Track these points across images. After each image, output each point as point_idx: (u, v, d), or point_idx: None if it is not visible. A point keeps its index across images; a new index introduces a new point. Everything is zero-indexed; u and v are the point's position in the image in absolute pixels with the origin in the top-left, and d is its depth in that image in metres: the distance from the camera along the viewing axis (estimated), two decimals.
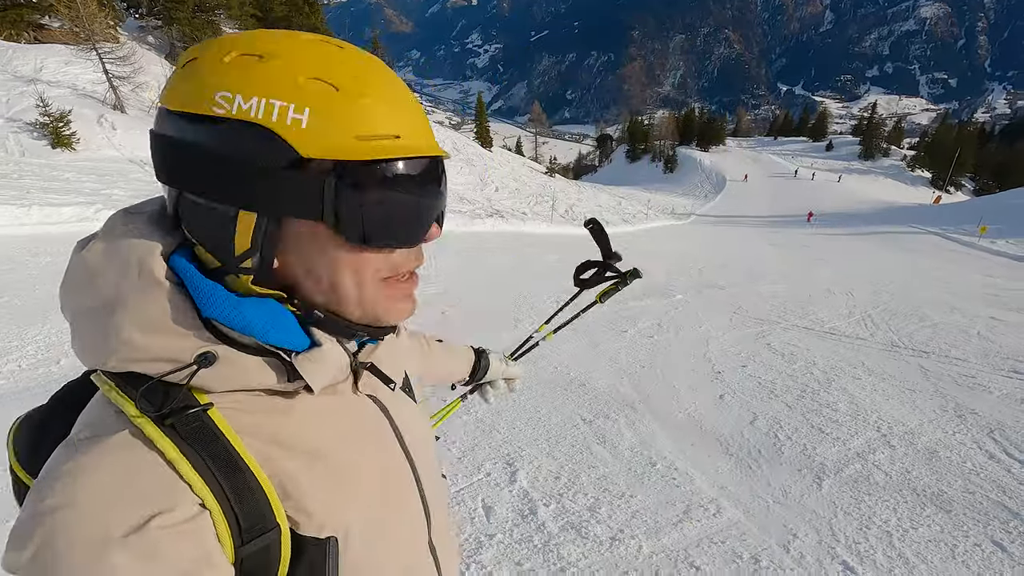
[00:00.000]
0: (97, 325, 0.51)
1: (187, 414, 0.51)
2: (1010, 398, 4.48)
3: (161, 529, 0.45)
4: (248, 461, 0.52)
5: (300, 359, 0.55)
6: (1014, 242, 20.23)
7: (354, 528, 0.60)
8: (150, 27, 24.14)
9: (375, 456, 0.65)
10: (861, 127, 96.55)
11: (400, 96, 0.55)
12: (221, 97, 0.48)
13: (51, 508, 0.44)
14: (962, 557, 2.48)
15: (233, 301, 0.52)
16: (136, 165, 13.52)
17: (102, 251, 0.52)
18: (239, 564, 0.52)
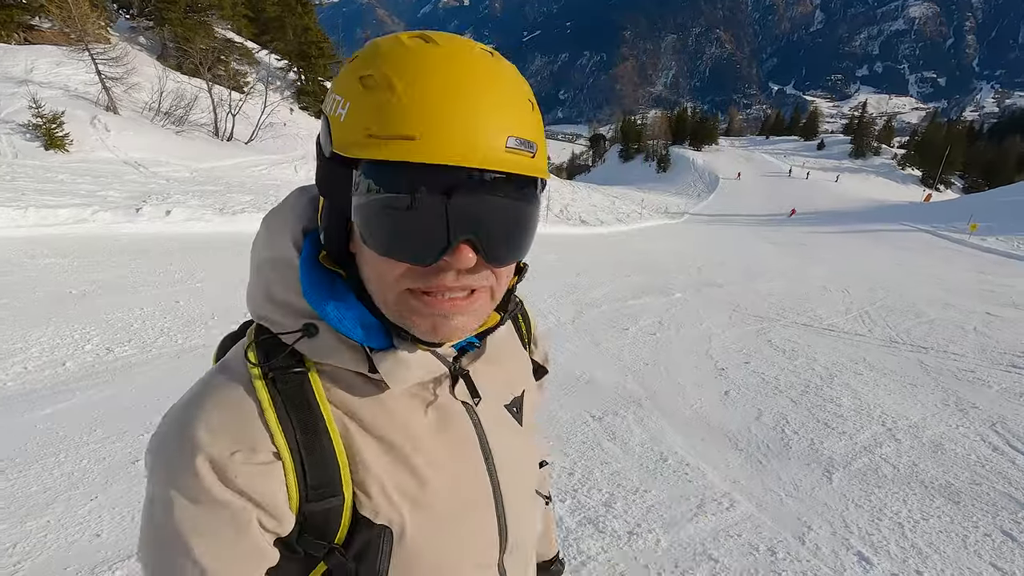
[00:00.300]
0: (253, 279, 0.63)
1: (288, 372, 0.57)
2: (1009, 392, 4.54)
3: (241, 464, 0.53)
4: (330, 427, 0.57)
5: (378, 356, 0.58)
6: (1003, 239, 20.40)
7: (411, 526, 0.60)
8: (141, 28, 23.96)
9: (450, 464, 0.65)
10: (852, 126, 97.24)
11: (451, 94, 0.48)
12: (333, 97, 0.54)
13: (170, 420, 0.56)
14: (974, 547, 2.52)
15: (316, 291, 0.57)
16: (131, 167, 13.42)
17: (274, 218, 0.63)
18: (302, 518, 0.57)
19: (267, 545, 0.55)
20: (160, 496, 0.53)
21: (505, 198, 0.51)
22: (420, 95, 0.47)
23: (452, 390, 0.66)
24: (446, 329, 0.55)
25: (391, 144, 0.47)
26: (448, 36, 0.52)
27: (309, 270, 0.57)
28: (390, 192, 0.48)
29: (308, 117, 26.03)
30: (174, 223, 9.40)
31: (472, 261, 0.51)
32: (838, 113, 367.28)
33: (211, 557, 0.53)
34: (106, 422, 3.16)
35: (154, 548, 0.55)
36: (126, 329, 4.67)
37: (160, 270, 6.63)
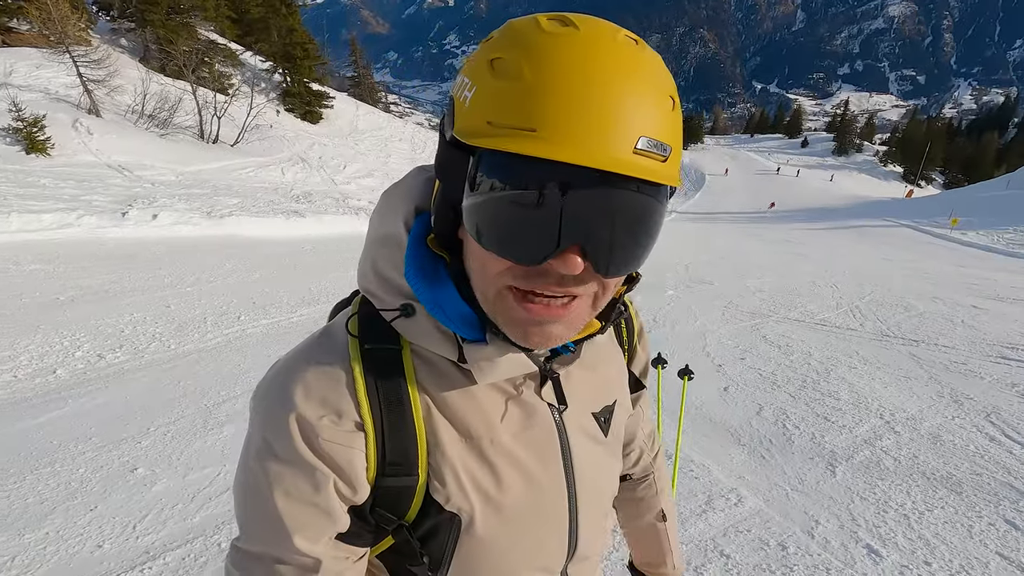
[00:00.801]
0: (364, 251, 0.64)
1: (383, 348, 0.59)
2: (1001, 383, 4.61)
3: (326, 428, 0.55)
4: (414, 407, 0.58)
5: (469, 347, 0.57)
6: (983, 233, 20.76)
7: (480, 519, 0.61)
8: (123, 30, 23.56)
9: (528, 463, 0.64)
10: (834, 124, 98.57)
11: (580, 85, 0.44)
12: (462, 78, 0.52)
13: (273, 373, 0.60)
14: (979, 536, 2.55)
15: (418, 274, 0.57)
16: (115, 170, 13.20)
17: (390, 195, 0.63)
18: (376, 490, 0.59)
19: (340, 509, 0.57)
20: (255, 441, 0.58)
21: (624, 204, 0.47)
22: (546, 84, 0.44)
23: (539, 390, 0.65)
24: (539, 336, 0.53)
25: (508, 135, 0.44)
26: (592, 20, 0.48)
27: (415, 251, 0.57)
28: (501, 185, 0.46)
29: (294, 119, 25.80)
30: (161, 227, 9.27)
31: (579, 268, 0.47)
32: (821, 111, 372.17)
33: (286, 508, 0.56)
34: (101, 430, 3.10)
35: (242, 486, 0.59)
36: (117, 335, 4.58)
37: (149, 275, 6.53)
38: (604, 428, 0.74)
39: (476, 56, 0.50)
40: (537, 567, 0.68)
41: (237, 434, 3.17)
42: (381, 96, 58.35)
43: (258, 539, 0.58)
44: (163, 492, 2.58)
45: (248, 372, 4.07)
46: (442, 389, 0.60)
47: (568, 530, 0.69)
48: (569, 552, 0.70)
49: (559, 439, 0.66)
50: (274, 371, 0.60)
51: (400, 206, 0.61)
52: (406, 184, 0.63)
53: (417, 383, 0.59)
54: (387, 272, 0.60)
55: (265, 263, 7.91)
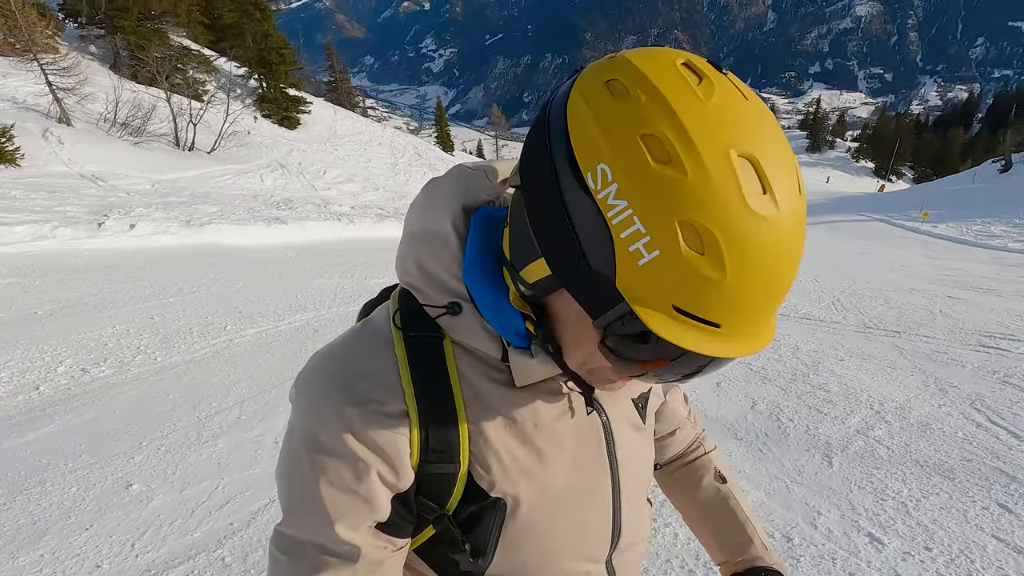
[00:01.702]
0: (407, 246, 0.64)
1: (426, 337, 0.60)
2: (982, 370, 4.73)
3: (371, 415, 0.56)
4: (456, 395, 0.59)
5: (513, 352, 0.58)
6: (953, 225, 21.32)
7: (525, 502, 0.62)
8: (92, 36, 23.02)
9: (573, 447, 0.65)
10: (807, 121, 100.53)
11: (766, 282, 0.42)
12: (600, 169, 0.43)
13: (315, 362, 0.61)
14: (975, 521, 2.61)
15: (478, 278, 0.57)
16: (88, 180, 12.88)
17: (433, 191, 0.63)
18: (419, 476, 0.60)
19: (382, 497, 0.58)
20: (298, 429, 0.59)
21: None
22: (747, 283, 0.42)
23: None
24: (612, 390, 0.59)
25: (692, 328, 0.43)
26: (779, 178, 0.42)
27: (477, 257, 0.58)
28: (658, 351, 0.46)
29: (271, 125, 25.46)
30: (139, 237, 9.06)
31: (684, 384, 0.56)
32: (794, 109, 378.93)
33: (329, 497, 0.57)
34: (91, 447, 3.01)
35: (285, 472, 0.60)
36: (100, 349, 4.46)
37: (129, 286, 6.37)
38: (642, 415, 0.75)
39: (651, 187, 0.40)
40: (583, 555, 0.68)
41: (232, 446, 3.11)
42: (359, 101, 57.90)
43: (300, 525, 0.59)
44: (160, 508, 2.52)
45: (239, 382, 4.00)
46: (483, 378, 0.61)
47: (612, 516, 0.70)
48: (613, 540, 0.71)
49: (602, 425, 0.68)
50: (317, 359, 0.61)
51: (446, 204, 0.60)
52: (451, 182, 0.62)
53: (459, 372, 0.60)
54: (434, 270, 0.60)
55: (248, 271, 7.78)
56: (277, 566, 0.60)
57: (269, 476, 2.83)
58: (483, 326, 0.58)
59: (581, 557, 0.69)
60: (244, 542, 2.32)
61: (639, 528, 0.76)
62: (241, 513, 2.51)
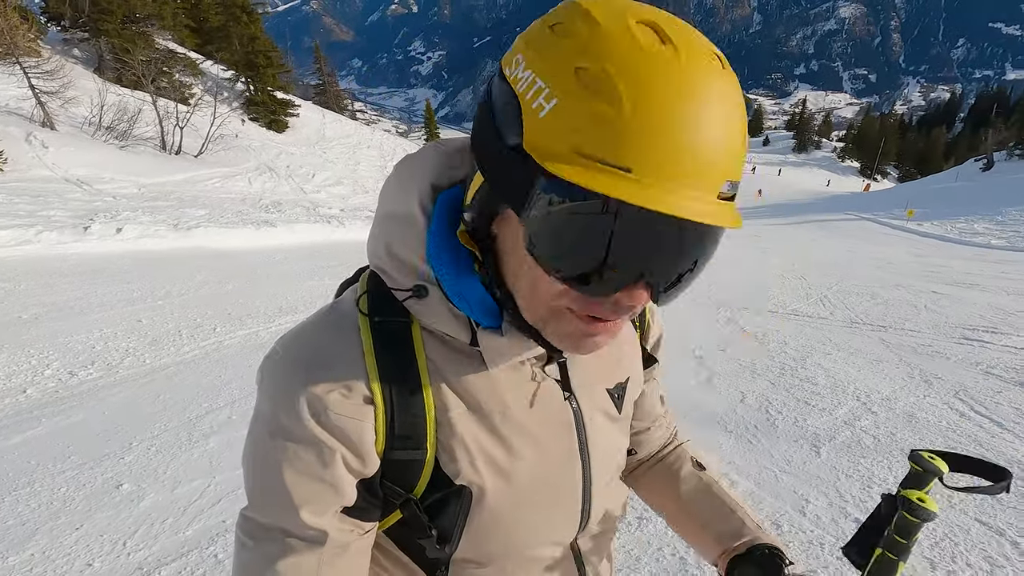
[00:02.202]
0: (377, 227, 0.62)
1: (392, 320, 0.59)
2: (965, 362, 4.81)
3: (335, 401, 0.55)
4: (423, 381, 0.58)
5: (483, 333, 0.58)
6: (937, 223, 21.63)
7: (491, 492, 0.61)
8: (75, 40, 22.78)
9: (541, 438, 0.64)
10: (794, 122, 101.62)
11: (681, 125, 0.41)
12: (516, 60, 0.48)
13: (280, 347, 0.60)
14: (959, 506, 2.67)
15: (442, 260, 0.56)
16: (73, 184, 12.74)
17: (404, 169, 0.61)
18: (385, 462, 0.59)
19: (347, 484, 0.57)
20: (263, 414, 0.58)
21: (697, 247, 0.47)
22: (648, 120, 0.41)
23: (545, 368, 0.65)
24: (588, 346, 0.54)
25: (599, 171, 0.41)
26: (685, 37, 0.44)
27: (440, 237, 0.57)
28: (577, 217, 0.44)
29: (259, 128, 25.31)
30: (126, 240, 8.97)
31: (645, 302, 0.48)
32: (780, 110, 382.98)
33: (293, 482, 0.56)
34: (80, 448, 2.99)
35: (251, 457, 0.59)
36: (88, 351, 4.42)
37: (117, 289, 6.31)
38: (618, 405, 0.73)
39: (553, 54, 0.45)
40: (548, 540, 0.68)
41: (224, 446, 3.10)
42: (347, 104, 57.74)
43: (265, 510, 0.58)
44: (152, 507, 2.51)
45: (229, 383, 3.98)
46: (451, 364, 0.60)
47: (581, 503, 0.69)
48: (581, 524, 0.70)
49: (573, 414, 0.67)
50: (282, 344, 0.60)
51: (413, 184, 0.59)
52: (421, 159, 0.61)
53: (427, 358, 0.59)
54: (400, 252, 0.59)
55: (238, 274, 7.73)
56: (244, 550, 0.59)
57: None
58: (450, 309, 0.57)
59: (547, 542, 0.69)
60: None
61: (610, 513, 0.76)
62: (233, 510, 2.50)
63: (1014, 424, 3.55)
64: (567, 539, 0.71)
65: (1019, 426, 3.52)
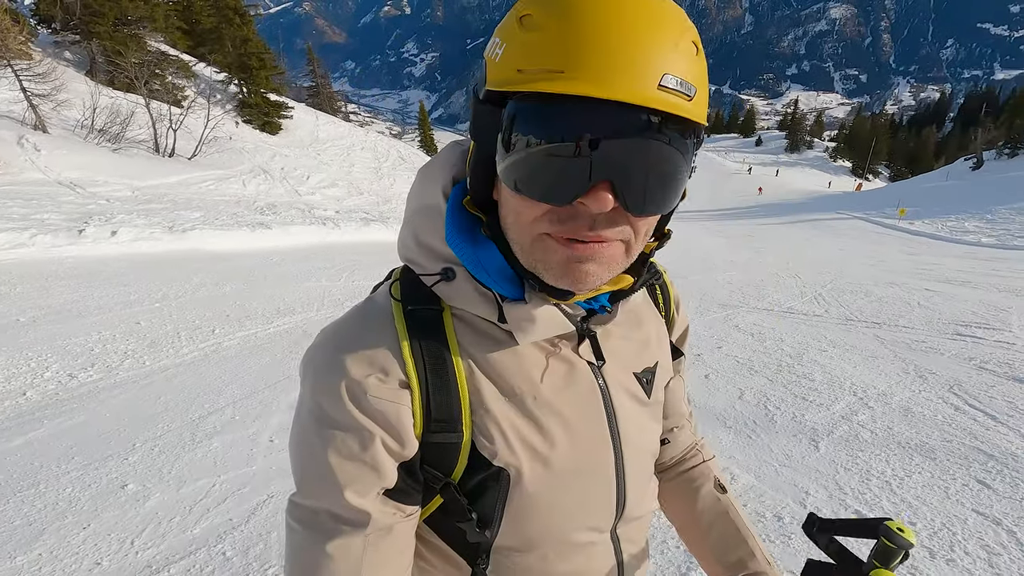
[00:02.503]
0: (406, 224, 0.66)
1: (425, 308, 0.62)
2: (959, 357, 4.88)
3: (374, 386, 0.58)
4: (456, 365, 0.61)
5: (508, 306, 0.59)
6: (928, 222, 21.85)
7: (528, 474, 0.62)
8: (66, 42, 22.63)
9: (573, 419, 0.65)
10: (786, 122, 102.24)
11: (604, 27, 0.45)
12: (493, 40, 0.54)
13: (321, 337, 0.63)
14: (956, 496, 2.72)
15: (458, 236, 0.60)
16: (66, 188, 12.65)
17: (428, 169, 0.66)
18: (423, 445, 0.61)
19: (388, 465, 0.59)
20: (306, 403, 0.61)
21: (653, 141, 0.47)
22: (572, 29, 0.46)
23: (577, 349, 0.66)
24: (577, 273, 0.53)
25: (538, 78, 0.46)
26: None
27: (454, 215, 0.60)
28: (533, 130, 0.48)
29: (253, 130, 25.22)
30: (122, 243, 8.94)
31: (609, 205, 0.48)
32: (772, 110, 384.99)
33: (337, 465, 0.58)
34: (84, 449, 2.99)
35: (296, 445, 0.62)
36: (87, 354, 4.41)
37: (113, 292, 6.29)
38: (647, 389, 0.73)
39: (507, 17, 0.53)
40: (587, 526, 0.68)
41: (227, 445, 3.11)
42: (340, 106, 57.57)
43: (312, 494, 0.60)
44: (158, 506, 2.51)
45: (230, 384, 3.98)
46: (483, 349, 0.62)
47: (615, 488, 0.69)
48: (618, 511, 0.70)
49: (602, 396, 0.67)
50: (322, 336, 0.63)
51: (438, 177, 0.63)
52: (442, 157, 0.65)
53: (458, 343, 0.62)
54: (428, 240, 0.62)
55: (234, 276, 7.72)
56: (293, 535, 0.61)
57: (267, 472, 2.84)
58: (476, 288, 0.60)
59: (585, 528, 0.69)
60: (245, 536, 2.33)
61: (644, 501, 0.76)
62: (240, 509, 2.52)
63: (1008, 417, 3.60)
64: (605, 526, 0.71)
65: (1012, 419, 3.57)
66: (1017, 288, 8.12)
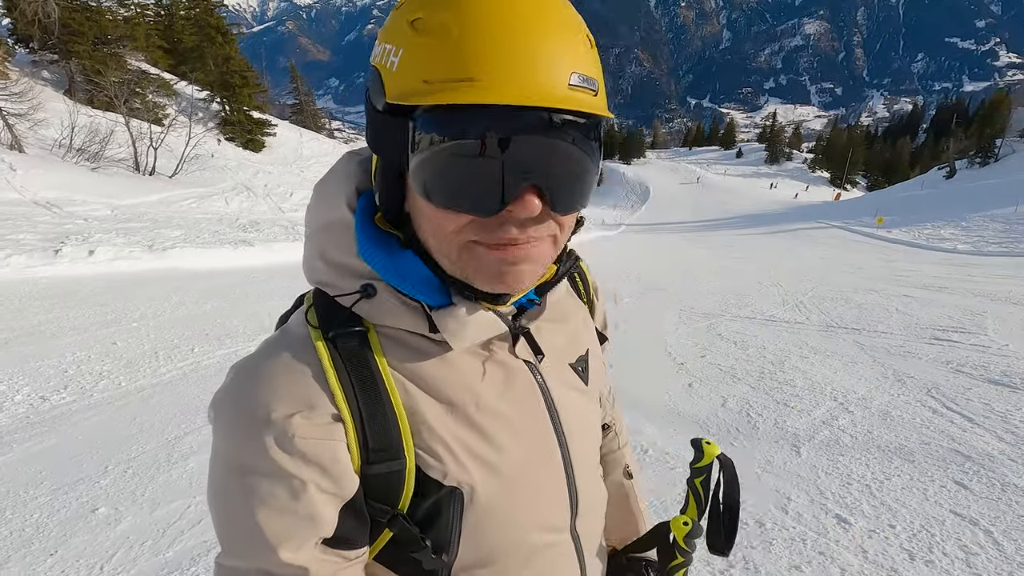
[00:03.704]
0: (309, 245, 0.62)
1: (347, 331, 0.57)
2: (936, 361, 4.96)
3: (300, 426, 0.52)
4: (389, 387, 0.56)
5: (438, 314, 0.56)
6: (906, 230, 22.33)
7: (481, 486, 0.59)
8: (45, 62, 22.46)
9: (517, 422, 0.63)
10: (765, 134, 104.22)
11: (508, 31, 0.45)
12: (376, 47, 0.53)
13: (232, 377, 0.56)
14: (934, 498, 2.74)
15: (373, 248, 0.56)
16: (42, 207, 12.46)
17: (325, 184, 0.62)
18: (364, 479, 0.56)
19: (325, 512, 0.54)
20: (221, 453, 0.54)
21: (569, 141, 0.48)
22: (475, 34, 0.44)
23: (513, 349, 0.64)
24: (511, 276, 0.53)
25: (447, 88, 0.44)
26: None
27: (364, 228, 0.56)
28: (449, 139, 0.46)
29: (236, 148, 25.12)
30: (99, 263, 8.78)
31: (538, 209, 0.48)
32: (751, 123, 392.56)
33: (265, 521, 0.52)
34: (54, 473, 2.90)
35: (215, 500, 0.56)
36: (60, 376, 4.31)
37: (89, 312, 6.17)
38: (583, 377, 0.73)
39: (392, 22, 0.50)
40: (545, 527, 0.66)
41: (205, 465, 3.03)
42: (324, 123, 57.61)
43: (240, 554, 0.54)
44: (130, 529, 2.44)
45: (208, 403, 3.90)
46: (415, 365, 0.58)
47: (566, 482, 0.67)
48: (572, 506, 0.69)
49: (542, 393, 0.65)
50: (233, 375, 0.56)
51: (339, 191, 0.59)
52: (339, 170, 0.61)
53: (388, 363, 0.57)
54: (338, 257, 0.58)
55: (216, 294, 7.62)
56: None
57: None
58: (401, 301, 0.56)
59: (544, 529, 0.66)
60: None
61: (596, 493, 0.75)
62: (215, 531, 2.45)
63: (984, 419, 3.66)
64: (563, 524, 0.69)
65: (989, 420, 3.63)
66: (992, 293, 8.31)
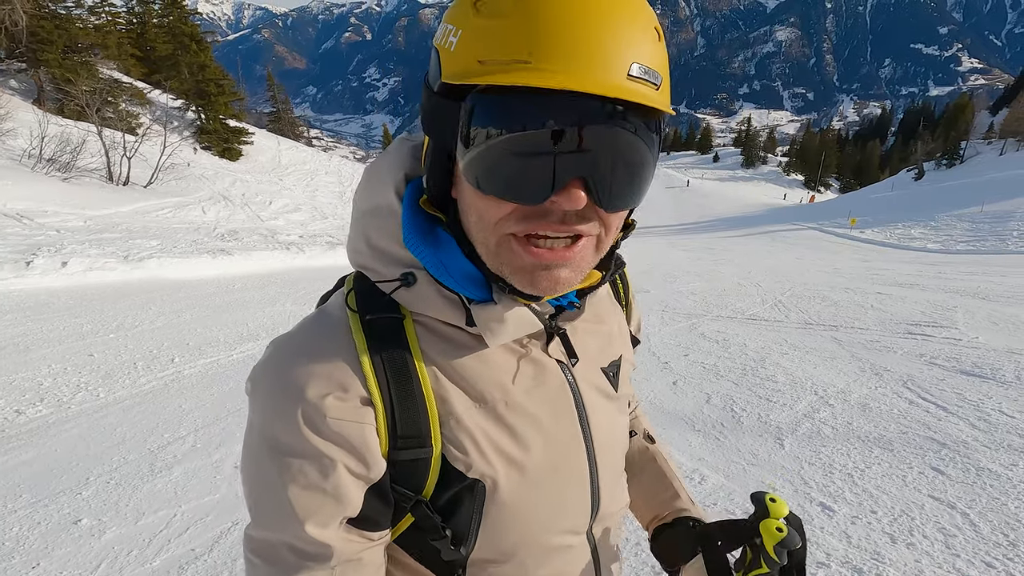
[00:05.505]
0: (354, 228, 0.62)
1: (384, 316, 0.57)
2: (911, 354, 5.10)
3: (332, 406, 0.53)
4: (421, 376, 0.56)
5: (476, 309, 0.56)
6: (878, 230, 22.90)
7: (504, 482, 0.59)
8: (12, 71, 21.93)
9: (545, 421, 0.62)
10: (740, 139, 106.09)
11: (568, 14, 0.43)
12: (444, 27, 0.51)
13: (270, 354, 0.57)
14: (913, 484, 2.83)
15: (417, 237, 0.56)
16: (12, 219, 12.13)
17: (375, 167, 0.62)
18: (391, 464, 0.57)
19: (352, 493, 0.55)
20: (256, 427, 0.56)
21: (624, 133, 0.45)
22: (534, 17, 0.43)
23: (546, 348, 0.64)
24: (547, 281, 0.51)
25: (502, 69, 0.43)
26: None
27: (411, 216, 0.56)
28: (498, 126, 0.44)
29: (212, 157, 24.78)
30: (73, 275, 8.58)
31: (583, 202, 0.46)
32: (727, 128, 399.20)
33: (295, 496, 0.53)
34: (33, 486, 2.83)
35: (249, 470, 0.57)
36: (35, 389, 4.20)
37: (64, 324, 6.03)
38: (613, 383, 0.72)
39: (456, 4, 0.50)
40: (563, 529, 0.66)
41: (189, 474, 3.00)
42: (302, 131, 57.12)
43: (269, 526, 0.56)
44: (114, 540, 2.39)
45: (191, 412, 3.85)
46: (448, 356, 0.58)
47: (590, 486, 0.67)
48: (593, 510, 0.69)
49: (572, 395, 0.65)
50: (270, 352, 0.57)
51: (388, 176, 0.59)
52: (391, 154, 0.61)
53: (422, 352, 0.57)
54: (382, 243, 0.58)
55: (195, 304, 7.50)
56: (254, 570, 0.56)
57: (231, 500, 2.74)
58: (440, 292, 0.56)
59: (562, 531, 0.66)
60: (208, 566, 2.24)
61: (617, 497, 0.75)
62: (203, 538, 2.42)
63: (958, 408, 3.78)
64: (582, 528, 0.68)
65: (962, 409, 3.75)
66: (961, 288, 8.57)
